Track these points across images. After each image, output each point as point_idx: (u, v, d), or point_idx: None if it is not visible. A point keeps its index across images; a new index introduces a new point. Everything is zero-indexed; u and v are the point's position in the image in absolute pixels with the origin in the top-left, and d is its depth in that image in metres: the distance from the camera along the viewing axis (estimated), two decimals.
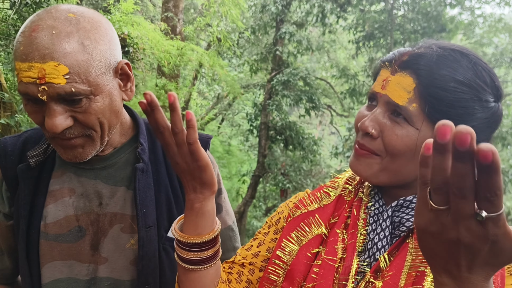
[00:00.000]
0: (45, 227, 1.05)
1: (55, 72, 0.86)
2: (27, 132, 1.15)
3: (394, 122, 0.83)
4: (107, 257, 1.06)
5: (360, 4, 10.55)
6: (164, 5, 9.08)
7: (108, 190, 1.08)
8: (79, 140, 0.97)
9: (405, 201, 0.86)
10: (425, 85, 0.80)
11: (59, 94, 0.88)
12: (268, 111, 10.29)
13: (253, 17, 11.19)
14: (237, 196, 12.81)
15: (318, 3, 10.61)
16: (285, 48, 10.74)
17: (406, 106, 0.81)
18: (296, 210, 1.00)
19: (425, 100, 0.80)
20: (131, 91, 1.04)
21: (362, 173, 0.87)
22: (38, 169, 1.08)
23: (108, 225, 1.07)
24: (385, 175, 0.85)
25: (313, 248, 0.91)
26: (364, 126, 0.85)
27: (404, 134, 0.82)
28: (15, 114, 4.27)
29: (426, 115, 0.80)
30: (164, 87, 8.08)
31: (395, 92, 0.83)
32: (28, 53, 0.86)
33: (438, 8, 9.79)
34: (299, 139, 10.30)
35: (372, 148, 0.85)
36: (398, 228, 0.85)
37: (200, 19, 9.13)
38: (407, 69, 0.83)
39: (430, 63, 0.81)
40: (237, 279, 0.99)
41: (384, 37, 10.38)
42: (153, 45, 7.20)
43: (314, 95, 10.26)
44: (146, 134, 1.13)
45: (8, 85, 4.58)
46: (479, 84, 0.80)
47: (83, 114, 0.93)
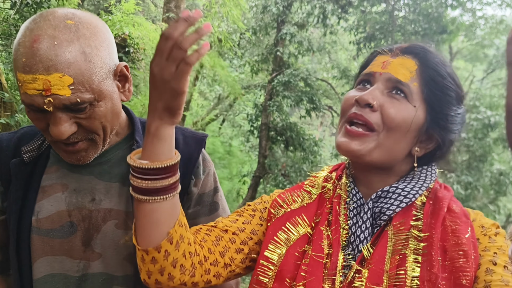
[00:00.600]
0: (37, 222, 1.06)
1: (60, 83, 0.87)
2: (23, 129, 1.16)
3: (393, 98, 0.88)
4: (101, 253, 1.06)
5: (361, 5, 10.56)
6: (166, 6, 9.09)
7: (102, 186, 1.08)
8: (82, 144, 0.99)
9: (382, 191, 0.90)
10: (426, 68, 0.89)
11: (64, 105, 0.90)
12: (268, 112, 10.30)
13: (254, 17, 11.20)
14: (237, 197, 12.81)
15: (319, 4, 10.62)
16: (286, 49, 10.74)
17: (409, 83, 0.88)
18: (279, 208, 1.00)
19: (425, 81, 0.89)
20: (129, 91, 1.06)
21: (355, 152, 0.87)
22: (31, 165, 1.08)
23: (101, 221, 1.07)
24: (379, 152, 0.88)
25: (301, 247, 0.92)
26: (365, 97, 0.87)
27: (403, 108, 0.87)
28: (15, 113, 4.28)
29: (423, 94, 0.88)
30: None
31: (398, 70, 0.89)
32: (31, 65, 0.86)
33: (439, 9, 9.79)
34: (299, 140, 10.30)
35: (369, 120, 0.87)
36: (379, 218, 0.89)
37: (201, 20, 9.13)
38: (409, 53, 0.91)
39: (428, 51, 0.92)
40: (214, 242, 0.96)
41: (385, 38, 10.38)
42: (154, 45, 7.21)
43: (315, 96, 10.27)
44: (142, 133, 1.14)
45: (8, 85, 4.59)
46: (458, 82, 0.93)
47: (87, 120, 0.95)
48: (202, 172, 1.15)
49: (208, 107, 14.31)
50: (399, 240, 0.85)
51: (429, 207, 0.88)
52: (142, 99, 8.02)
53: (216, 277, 0.96)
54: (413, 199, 0.89)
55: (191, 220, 1.14)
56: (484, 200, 10.82)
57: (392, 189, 0.90)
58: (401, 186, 0.90)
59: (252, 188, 10.80)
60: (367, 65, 0.98)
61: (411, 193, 0.89)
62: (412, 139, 0.89)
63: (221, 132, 16.16)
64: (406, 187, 0.90)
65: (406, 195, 0.89)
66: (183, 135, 1.16)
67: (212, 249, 0.95)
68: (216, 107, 14.35)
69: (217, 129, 15.59)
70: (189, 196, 1.14)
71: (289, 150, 10.71)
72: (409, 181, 0.91)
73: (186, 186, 1.12)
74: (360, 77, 0.96)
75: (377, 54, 0.97)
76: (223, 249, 0.96)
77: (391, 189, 0.90)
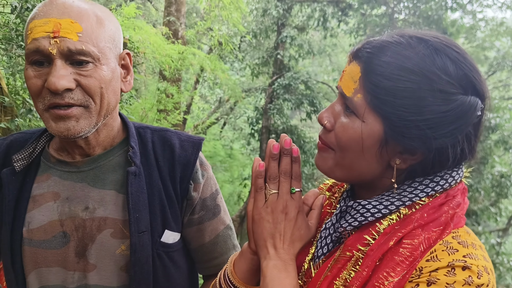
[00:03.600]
0: (29, 233, 1.03)
1: (70, 27, 0.90)
2: (12, 135, 1.13)
3: (345, 115, 0.80)
4: (96, 264, 1.03)
5: (361, 8, 10.56)
6: (166, 9, 9.10)
7: (96, 193, 1.05)
8: (76, 110, 0.94)
9: (347, 206, 0.84)
10: (367, 73, 0.75)
11: (69, 50, 0.90)
12: (269, 115, 10.30)
13: (254, 21, 11.22)
14: (238, 200, 12.79)
15: (319, 7, 10.63)
16: (286, 52, 10.75)
17: (351, 97, 0.78)
18: None
19: (367, 89, 0.75)
20: (130, 84, 1.07)
21: (320, 167, 0.86)
22: (22, 174, 1.06)
23: (96, 230, 1.03)
24: (340, 170, 0.83)
25: None
26: (320, 117, 0.84)
27: (350, 126, 0.78)
28: (16, 118, 4.28)
29: (369, 106, 0.75)
30: (166, 91, 8.09)
31: (346, 83, 0.80)
32: (46, 10, 0.91)
33: (439, 12, 9.79)
34: (300, 143, 10.30)
35: (326, 141, 0.83)
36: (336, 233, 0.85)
37: (201, 23, 9.15)
38: (357, 58, 0.79)
39: (374, 50, 0.76)
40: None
41: None
42: (154, 49, 7.21)
43: (316, 99, 10.26)
44: (137, 138, 1.11)
45: (9, 89, 4.60)
46: (434, 72, 0.72)
47: (87, 79, 0.93)
48: (201, 177, 1.13)
49: (209, 110, 14.31)
50: (337, 266, 0.79)
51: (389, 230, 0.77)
52: (142, 102, 8.03)
53: None
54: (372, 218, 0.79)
55: (196, 226, 1.13)
56: (486, 202, 10.78)
57: (355, 205, 0.82)
58: (363, 203, 0.81)
59: None
60: None
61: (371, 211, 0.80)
62: (376, 155, 0.78)
63: (222, 135, 16.14)
64: (368, 204, 0.81)
65: (363, 213, 0.80)
66: (179, 140, 1.14)
67: None
68: (217, 110, 14.35)
69: (218, 132, 15.57)
70: (190, 201, 1.12)
71: None
72: (385, 197, 0.81)
73: (185, 191, 1.10)
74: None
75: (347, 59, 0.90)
76: None
77: (354, 204, 0.82)
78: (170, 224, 1.08)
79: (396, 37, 0.77)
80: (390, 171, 0.80)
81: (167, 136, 1.14)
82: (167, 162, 1.10)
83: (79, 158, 1.07)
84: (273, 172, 0.83)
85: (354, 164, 0.80)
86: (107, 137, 1.09)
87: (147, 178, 1.08)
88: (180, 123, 8.84)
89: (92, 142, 1.05)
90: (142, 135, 1.13)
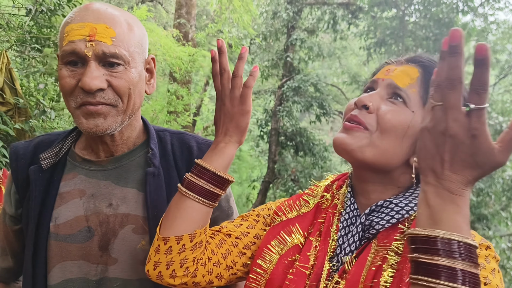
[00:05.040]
0: (55, 228, 1.08)
1: (105, 32, 0.98)
2: (39, 137, 1.20)
3: (391, 103, 0.89)
4: (117, 258, 1.08)
5: (371, 11, 10.55)
6: (177, 12, 9.18)
7: (119, 191, 1.10)
8: (104, 108, 1.00)
9: (377, 206, 0.89)
10: (427, 75, 0.89)
11: (104, 53, 0.97)
12: (278, 117, 10.32)
13: (264, 23, 11.25)
14: (247, 202, 12.82)
15: (329, 9, 10.64)
16: (296, 54, 10.77)
17: (406, 89, 0.88)
18: (275, 217, 1.03)
19: (424, 87, 0.88)
20: (153, 87, 1.14)
21: (348, 146, 0.87)
22: (49, 172, 1.11)
23: (119, 226, 1.08)
24: (371, 151, 0.86)
25: (291, 256, 0.93)
26: (362, 99, 0.89)
27: (400, 111, 0.87)
28: (30, 119, 4.35)
29: (421, 101, 0.88)
30: (176, 93, 8.15)
31: (399, 77, 0.90)
32: (83, 15, 0.99)
33: (450, 15, 9.75)
34: (309, 145, 10.29)
35: (363, 121, 0.87)
36: (368, 231, 0.88)
37: (211, 26, 9.20)
38: (413, 62, 0.93)
39: (433, 60, 0.92)
40: (217, 244, 1.00)
41: (395, 44, 10.36)
42: (165, 51, 7.28)
43: (325, 101, 10.26)
44: (157, 140, 1.17)
45: (23, 91, 4.67)
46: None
47: (118, 80, 1.00)
48: None
49: None
50: (379, 253, 0.84)
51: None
52: (153, 104, 8.10)
53: (218, 279, 0.99)
54: (406, 215, 0.86)
55: (211, 225, 1.17)
56: (496, 206, 10.69)
57: (386, 204, 0.88)
58: (395, 202, 0.88)
59: (261, 193, 10.80)
60: (375, 75, 1.00)
61: (405, 209, 0.87)
62: (410, 146, 0.86)
63: None
64: (401, 202, 0.87)
65: (399, 211, 0.87)
66: (196, 142, 1.19)
67: (215, 251, 0.99)
68: None
69: None
70: None
71: (299, 155, 10.70)
72: (407, 196, 0.88)
73: None
74: (366, 84, 0.98)
75: (385, 65, 0.98)
76: (225, 252, 1.00)
77: (385, 204, 0.88)
78: None
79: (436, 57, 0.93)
80: (406, 169, 0.89)
81: (185, 138, 1.21)
82: (185, 163, 1.16)
83: (104, 157, 1.13)
84: (439, 75, 0.62)
85: (390, 148, 0.86)
86: (130, 137, 1.15)
87: (166, 178, 1.13)
88: (189, 125, 8.90)
89: (117, 140, 1.11)
90: (161, 137, 1.19)
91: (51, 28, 4.94)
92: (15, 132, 4.14)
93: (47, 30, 4.93)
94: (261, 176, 12.11)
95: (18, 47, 5.29)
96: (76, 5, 4.62)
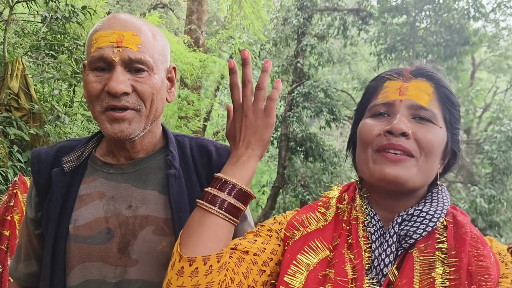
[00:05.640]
0: (75, 229, 1.09)
1: (131, 39, 1.03)
2: (60, 143, 1.24)
3: (421, 124, 0.88)
4: (137, 259, 1.08)
5: (382, 17, 10.55)
6: (188, 18, 9.25)
7: (138, 193, 1.12)
8: (129, 114, 1.04)
9: (407, 215, 0.89)
10: (441, 88, 0.91)
11: (130, 58, 1.02)
12: (288, 122, 10.33)
13: (274, 29, 11.30)
14: (256, 207, 12.82)
15: (339, 16, 10.66)
16: (306, 60, 10.79)
17: (430, 107, 0.89)
18: (294, 231, 0.99)
19: (443, 102, 0.91)
20: (173, 95, 1.18)
21: (402, 179, 0.86)
22: (70, 175, 1.14)
23: (138, 227, 1.09)
24: (420, 177, 0.87)
25: (321, 271, 0.90)
26: (399, 127, 0.86)
27: (434, 131, 0.88)
28: (44, 124, 4.41)
29: (441, 114, 0.90)
30: (187, 98, 8.20)
31: (418, 96, 0.90)
32: (111, 23, 1.04)
33: (462, 21, 9.71)
34: (319, 151, 10.29)
35: (409, 148, 0.86)
36: (405, 241, 0.88)
37: (222, 32, 9.25)
38: (421, 76, 0.92)
39: (437, 71, 0.94)
40: (236, 263, 0.92)
41: (406, 50, 10.34)
42: (176, 57, 7.34)
43: (335, 107, 10.26)
44: (176, 145, 1.20)
45: (37, 96, 4.74)
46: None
47: (142, 85, 1.04)
48: None
49: None
50: (425, 263, 0.84)
51: (451, 230, 0.88)
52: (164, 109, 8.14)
53: None
54: (438, 222, 0.88)
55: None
56: (508, 214, 10.57)
57: (416, 212, 0.88)
58: (425, 209, 0.88)
59: (271, 199, 10.80)
60: (374, 92, 0.97)
61: (435, 217, 0.88)
62: (440, 159, 0.91)
63: None
64: (430, 210, 0.89)
65: (431, 219, 0.88)
66: (215, 147, 1.22)
67: (235, 270, 0.92)
68: None
69: None
70: None
71: (309, 161, 10.70)
72: (429, 203, 0.91)
73: None
74: (375, 107, 0.94)
75: (385, 80, 0.95)
76: (246, 270, 0.93)
77: (415, 212, 0.88)
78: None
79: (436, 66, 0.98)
80: None
81: (204, 143, 1.24)
82: (205, 167, 1.19)
83: (124, 161, 1.16)
84: None
85: (431, 169, 0.89)
86: (150, 143, 1.18)
87: (187, 181, 1.15)
88: (200, 130, 8.94)
89: (137, 146, 1.15)
90: (180, 142, 1.23)
91: (65, 35, 5.02)
92: (29, 137, 4.20)
93: (61, 36, 5.01)
94: (271, 181, 12.12)
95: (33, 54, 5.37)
96: (90, 12, 4.69)
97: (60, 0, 4.69)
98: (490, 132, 11.30)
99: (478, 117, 14.77)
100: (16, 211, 2.64)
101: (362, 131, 0.93)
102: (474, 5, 9.81)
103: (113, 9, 11.61)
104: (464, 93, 11.12)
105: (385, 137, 0.88)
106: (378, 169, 0.87)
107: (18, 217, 2.61)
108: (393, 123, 0.86)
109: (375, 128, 0.90)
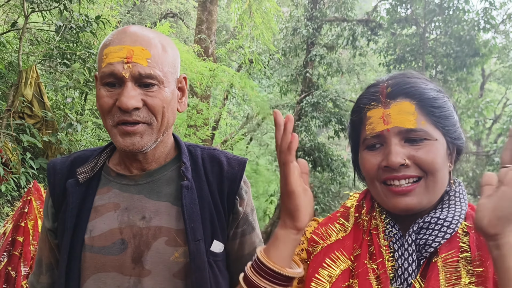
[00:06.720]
0: (90, 240, 1.11)
1: (141, 54, 1.03)
2: (76, 153, 1.26)
3: (417, 146, 0.88)
4: (151, 269, 1.10)
5: (391, 28, 10.57)
6: (198, 27, 9.33)
7: (152, 204, 1.13)
8: (141, 128, 1.05)
9: (424, 222, 0.89)
10: (421, 100, 0.89)
11: (140, 74, 1.02)
12: (297, 132, 10.33)
13: (284, 39, 11.36)
14: (264, 216, 12.80)
15: (349, 26, 10.70)
16: (315, 70, 10.83)
17: (418, 126, 0.88)
18: (314, 245, 1.00)
19: (429, 113, 0.89)
20: (184, 104, 1.19)
21: (415, 205, 0.87)
22: (85, 186, 1.16)
23: (152, 238, 1.10)
24: (427, 197, 0.88)
25: (344, 282, 0.91)
26: (395, 160, 0.86)
27: (434, 148, 0.87)
28: (57, 132, 4.46)
29: (432, 125, 0.89)
30: (196, 107, 8.25)
31: (402, 119, 0.88)
32: (121, 38, 1.05)
33: (472, 32, 9.70)
34: (327, 161, 10.27)
35: (412, 174, 0.87)
36: (425, 250, 0.88)
37: (232, 42, 9.31)
38: (399, 96, 0.90)
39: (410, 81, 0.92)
40: None
41: (415, 61, 10.34)
42: (186, 66, 7.40)
43: (344, 117, 10.25)
44: (188, 155, 1.21)
45: (50, 104, 4.80)
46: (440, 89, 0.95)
47: (152, 99, 1.05)
48: (244, 193, 1.21)
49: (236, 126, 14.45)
50: (450, 273, 0.84)
51: (473, 237, 0.87)
52: None
53: None
54: (456, 228, 0.88)
55: (239, 238, 1.20)
56: None
57: (433, 220, 0.88)
58: (442, 216, 0.88)
59: (279, 208, 10.77)
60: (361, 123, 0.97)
61: (453, 223, 0.88)
62: (447, 162, 0.91)
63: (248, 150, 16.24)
64: (447, 216, 0.89)
65: (449, 226, 0.88)
66: (226, 157, 1.23)
67: None
68: (244, 126, 14.47)
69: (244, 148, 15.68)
70: (236, 215, 1.19)
71: (317, 171, 10.68)
72: (446, 208, 0.90)
73: (232, 205, 1.18)
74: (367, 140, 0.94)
75: (367, 110, 0.94)
76: None
77: (432, 220, 0.88)
78: (218, 234, 1.16)
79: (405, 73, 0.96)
80: None
81: (216, 154, 1.25)
82: (216, 177, 1.20)
83: (136, 172, 1.17)
84: None
85: (443, 179, 0.89)
86: (162, 153, 1.19)
87: (198, 191, 1.16)
88: (208, 138, 8.98)
89: (149, 157, 1.16)
90: (192, 152, 1.23)
91: (77, 44, 5.09)
92: (42, 144, 4.25)
93: (74, 45, 5.08)
94: (278, 191, 12.07)
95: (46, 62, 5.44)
96: (103, 22, 4.75)
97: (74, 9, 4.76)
98: (500, 144, 11.22)
99: (488, 129, 14.67)
100: (30, 217, 2.67)
101: (363, 167, 0.95)
102: (484, 16, 9.81)
103: (124, 18, 11.74)
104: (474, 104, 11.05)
105: (386, 170, 0.89)
106: (392, 202, 0.89)
107: (32, 224, 2.64)
108: (388, 158, 0.87)
109: (374, 162, 0.91)
